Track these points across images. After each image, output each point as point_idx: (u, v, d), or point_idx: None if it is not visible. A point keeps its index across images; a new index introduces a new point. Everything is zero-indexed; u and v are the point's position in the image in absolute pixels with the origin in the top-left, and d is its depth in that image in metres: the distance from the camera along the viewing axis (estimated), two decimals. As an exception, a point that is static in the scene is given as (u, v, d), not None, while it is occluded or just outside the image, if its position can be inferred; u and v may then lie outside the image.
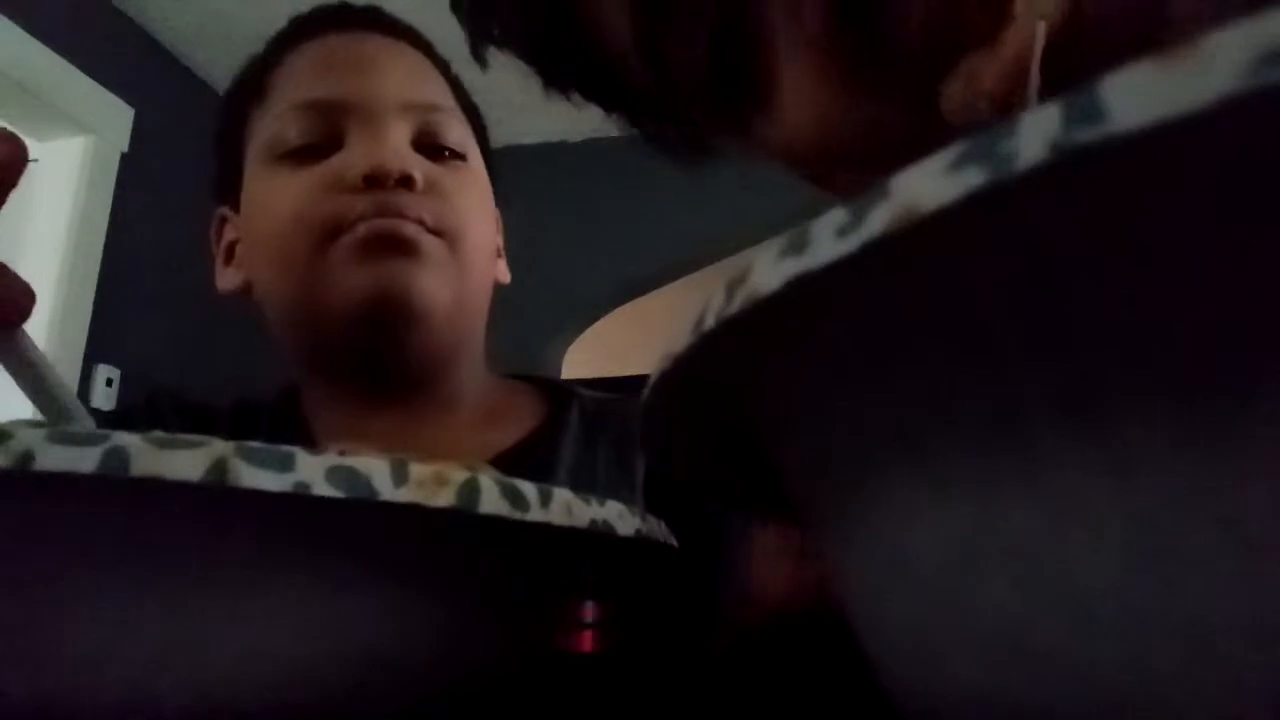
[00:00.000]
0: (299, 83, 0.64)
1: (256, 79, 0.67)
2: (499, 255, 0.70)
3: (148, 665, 0.23)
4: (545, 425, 0.65)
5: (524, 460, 0.61)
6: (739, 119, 0.36)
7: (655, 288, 2.75)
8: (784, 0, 0.32)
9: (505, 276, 0.71)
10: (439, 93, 0.67)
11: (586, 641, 0.54)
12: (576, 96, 0.41)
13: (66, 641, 0.23)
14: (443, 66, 0.70)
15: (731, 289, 0.14)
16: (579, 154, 2.75)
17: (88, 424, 0.39)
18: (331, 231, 0.59)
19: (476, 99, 0.71)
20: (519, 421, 0.66)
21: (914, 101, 0.31)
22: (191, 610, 0.23)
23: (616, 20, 0.35)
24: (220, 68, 2.42)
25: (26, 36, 2.01)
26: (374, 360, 0.61)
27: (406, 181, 0.59)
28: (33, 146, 2.11)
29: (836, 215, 0.12)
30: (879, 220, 0.12)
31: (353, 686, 0.25)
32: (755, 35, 0.33)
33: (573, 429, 0.65)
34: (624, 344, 3.27)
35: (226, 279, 0.68)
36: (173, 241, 2.14)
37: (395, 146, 0.61)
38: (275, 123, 0.63)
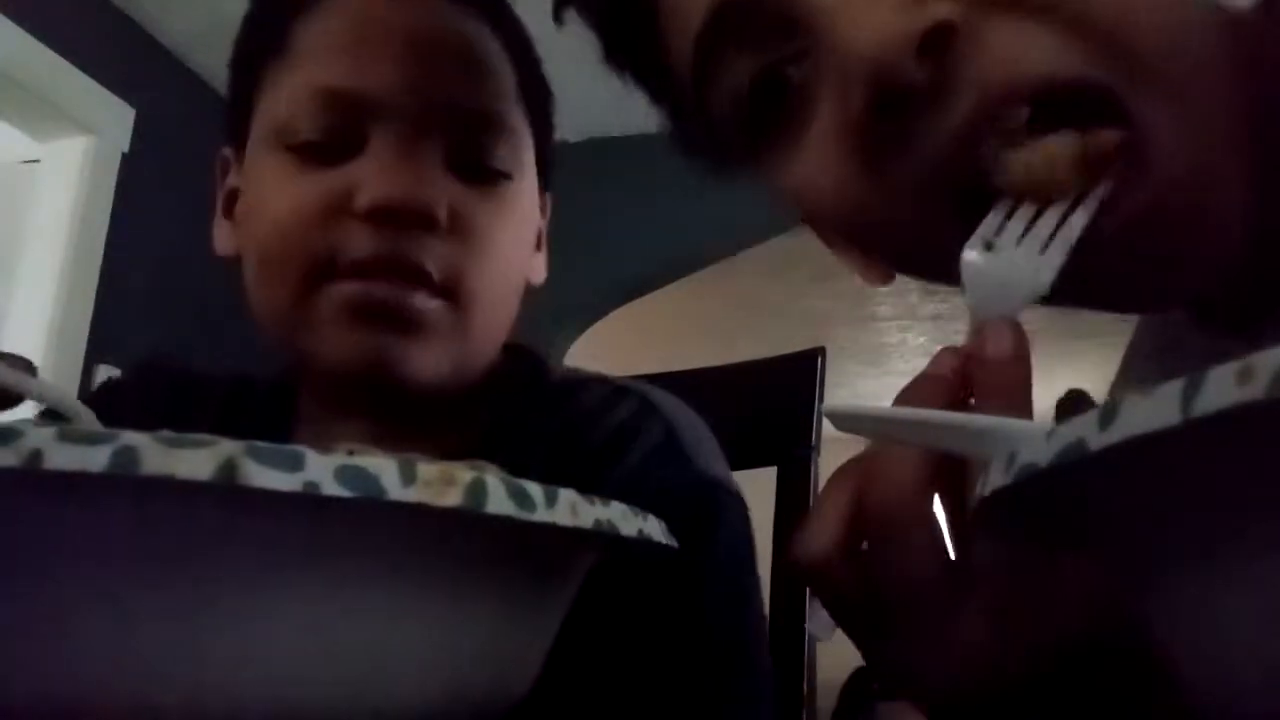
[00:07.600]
0: (321, 56, 0.51)
1: (278, 26, 0.53)
2: (537, 249, 0.60)
3: (155, 664, 0.23)
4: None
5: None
6: (760, 157, 0.39)
7: (656, 288, 2.75)
8: (834, 75, 0.34)
9: (539, 276, 0.60)
10: (496, 91, 0.53)
11: None
12: (630, 78, 0.45)
13: (74, 641, 0.23)
14: (511, 38, 0.55)
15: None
16: (579, 154, 2.74)
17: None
18: (324, 266, 0.49)
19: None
20: None
21: (929, 205, 0.34)
22: (200, 609, 0.23)
23: (680, 41, 0.38)
24: (220, 68, 2.41)
25: (26, 36, 2.00)
26: (367, 397, 0.53)
27: (426, 222, 0.48)
28: (33, 146, 2.11)
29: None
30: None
31: (359, 684, 0.25)
32: (799, 96, 0.35)
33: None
34: (624, 344, 3.26)
35: (222, 238, 0.57)
36: (173, 241, 2.13)
37: (421, 170, 0.49)
38: (286, 107, 0.51)
